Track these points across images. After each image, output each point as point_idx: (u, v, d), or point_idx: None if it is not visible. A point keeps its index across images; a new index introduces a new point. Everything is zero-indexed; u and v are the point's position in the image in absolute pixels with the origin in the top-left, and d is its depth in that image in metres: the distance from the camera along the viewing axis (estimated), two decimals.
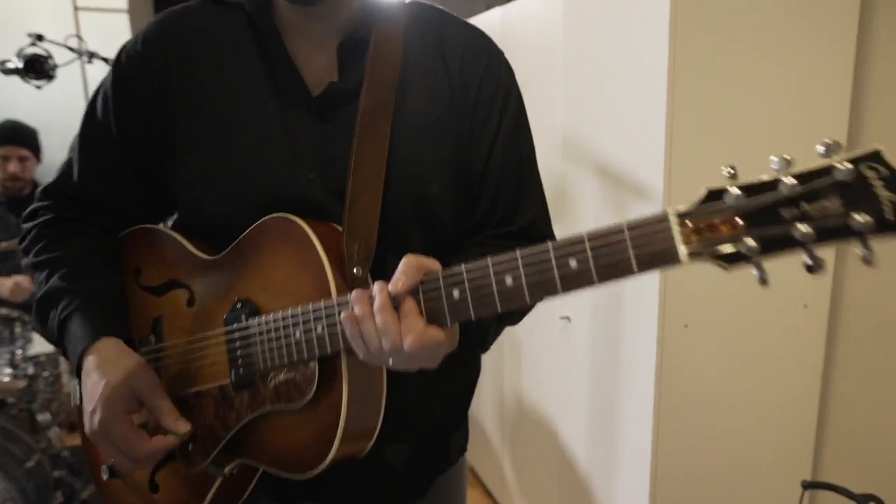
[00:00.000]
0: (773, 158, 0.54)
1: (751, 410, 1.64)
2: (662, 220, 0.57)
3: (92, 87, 2.24)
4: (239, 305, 0.81)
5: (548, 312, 1.95)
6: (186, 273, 0.88)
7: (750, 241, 0.55)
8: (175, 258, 0.89)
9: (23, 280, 2.53)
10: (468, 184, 0.88)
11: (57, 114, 3.05)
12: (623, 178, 1.58)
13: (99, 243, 0.91)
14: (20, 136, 2.71)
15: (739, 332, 1.58)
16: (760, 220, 0.55)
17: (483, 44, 0.90)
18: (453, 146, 0.86)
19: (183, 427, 0.81)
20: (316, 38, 0.86)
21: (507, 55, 0.91)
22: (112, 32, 3.37)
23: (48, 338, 0.89)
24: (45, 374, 2.33)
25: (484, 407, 2.58)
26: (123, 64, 0.88)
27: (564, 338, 1.91)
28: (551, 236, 0.92)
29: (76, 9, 3.33)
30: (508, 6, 2.17)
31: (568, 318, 1.88)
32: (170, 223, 0.93)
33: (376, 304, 0.67)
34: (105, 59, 2.14)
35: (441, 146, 0.85)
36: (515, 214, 0.89)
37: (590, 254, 0.60)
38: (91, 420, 0.79)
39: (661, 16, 1.40)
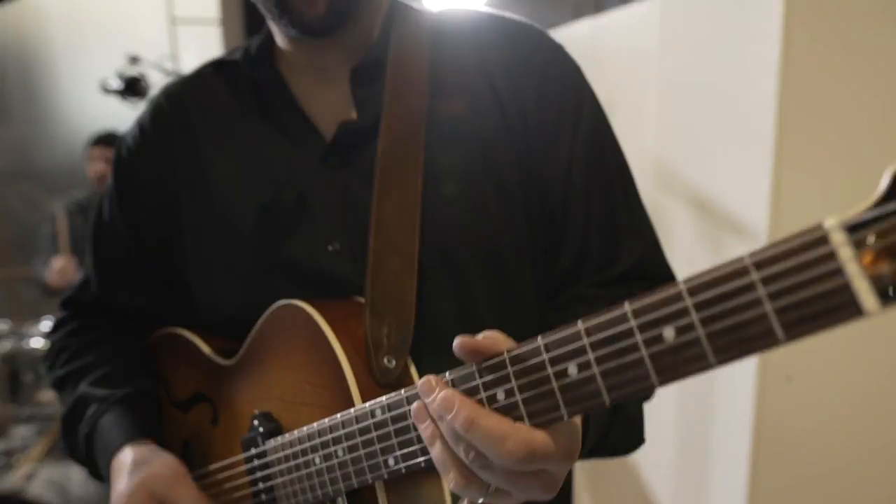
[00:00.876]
0: None
1: (861, 474, 1.46)
2: (818, 240, 0.34)
3: None
4: (256, 422, 0.67)
5: None
6: (208, 383, 0.77)
7: None
8: (197, 366, 0.78)
9: (68, 263, 2.67)
10: (548, 222, 0.70)
11: None
12: (721, 213, 1.43)
13: (127, 346, 0.83)
14: (109, 139, 2.85)
15: (851, 384, 1.40)
16: None
17: (534, 44, 0.72)
18: (514, 181, 0.68)
19: None
20: (327, 74, 0.74)
21: (598, 70, 0.76)
22: (205, 43, 3.49)
23: (76, 458, 0.79)
24: None
25: None
26: (123, 156, 0.81)
27: None
28: (666, 274, 0.73)
29: (173, 22, 3.46)
30: (600, 17, 2.05)
31: None
32: None
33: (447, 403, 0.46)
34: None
35: (496, 182, 0.68)
36: (618, 251, 0.70)
37: (695, 317, 0.38)
38: None
39: (772, 32, 1.25)
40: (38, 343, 2.16)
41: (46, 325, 2.19)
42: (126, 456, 0.70)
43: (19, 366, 2.16)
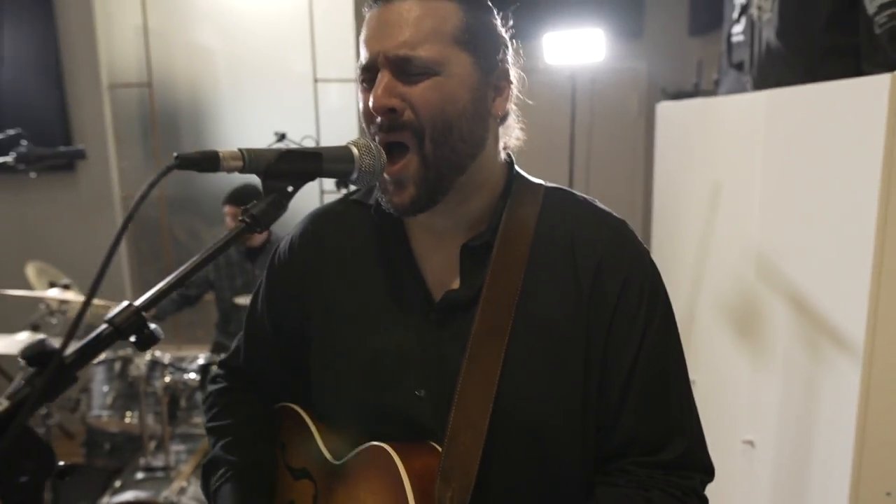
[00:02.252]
0: None
1: None
2: None
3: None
4: None
5: (730, 434, 1.82)
6: (315, 468, 0.92)
7: None
8: (309, 450, 0.93)
9: None
10: (603, 409, 0.79)
11: None
12: (820, 317, 1.43)
13: (256, 416, 1.00)
14: (241, 198, 3.15)
15: None
16: None
17: (621, 250, 0.82)
18: (580, 370, 0.78)
19: None
20: (441, 236, 0.85)
21: (708, 149, 0.80)
22: (342, 96, 3.85)
23: (209, 501, 0.96)
24: None
25: None
26: (275, 266, 0.96)
27: (747, 462, 1.77)
28: (706, 468, 0.83)
29: (316, 81, 3.84)
30: (715, 98, 2.08)
31: (751, 443, 1.74)
32: None
33: None
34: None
35: (564, 371, 0.78)
36: (664, 445, 0.79)
37: None
38: None
39: (875, 135, 1.23)
40: (192, 375, 2.51)
41: (200, 360, 2.54)
42: None
43: (177, 393, 2.51)
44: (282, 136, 2.41)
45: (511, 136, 0.87)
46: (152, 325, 0.54)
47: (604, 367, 0.79)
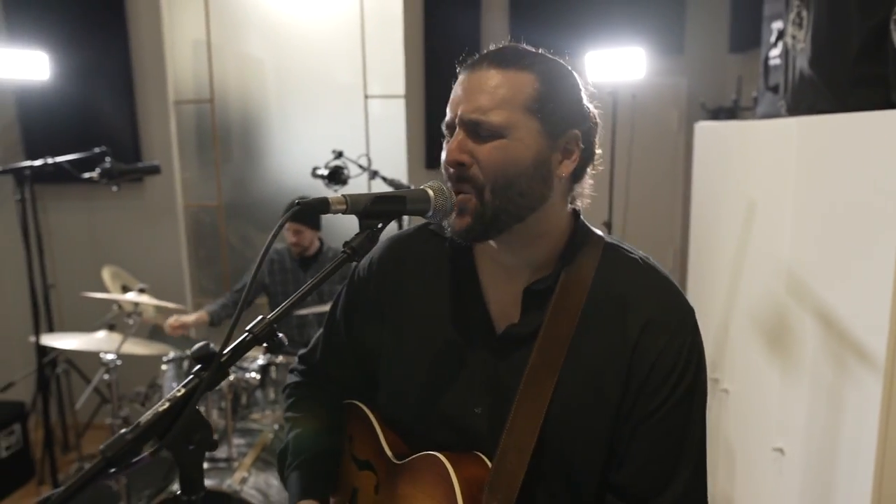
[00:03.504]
0: None
1: None
2: None
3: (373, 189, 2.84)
4: None
5: (761, 441, 1.91)
6: (377, 461, 1.03)
7: None
8: (372, 444, 1.05)
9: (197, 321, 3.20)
10: (623, 447, 0.89)
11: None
12: (845, 332, 1.52)
13: (327, 410, 1.13)
14: (296, 216, 3.35)
15: None
16: None
17: (669, 312, 0.90)
18: (613, 413, 0.88)
19: None
20: (508, 271, 0.95)
21: (744, 170, 0.87)
22: (392, 114, 4.02)
23: (283, 483, 1.11)
24: None
25: None
26: (355, 280, 1.09)
27: (777, 468, 1.86)
28: None
29: (366, 97, 4.03)
30: (750, 122, 2.17)
31: (781, 450, 1.83)
32: None
33: None
34: (384, 178, 2.65)
35: (600, 410, 0.88)
36: (666, 488, 0.87)
37: None
38: None
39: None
40: (253, 375, 2.70)
41: (260, 360, 2.74)
42: None
43: (239, 391, 2.71)
44: (339, 154, 2.60)
45: (583, 191, 0.95)
46: (280, 334, 0.70)
47: (631, 413, 0.88)
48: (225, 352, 0.66)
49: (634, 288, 0.91)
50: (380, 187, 2.96)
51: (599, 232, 0.98)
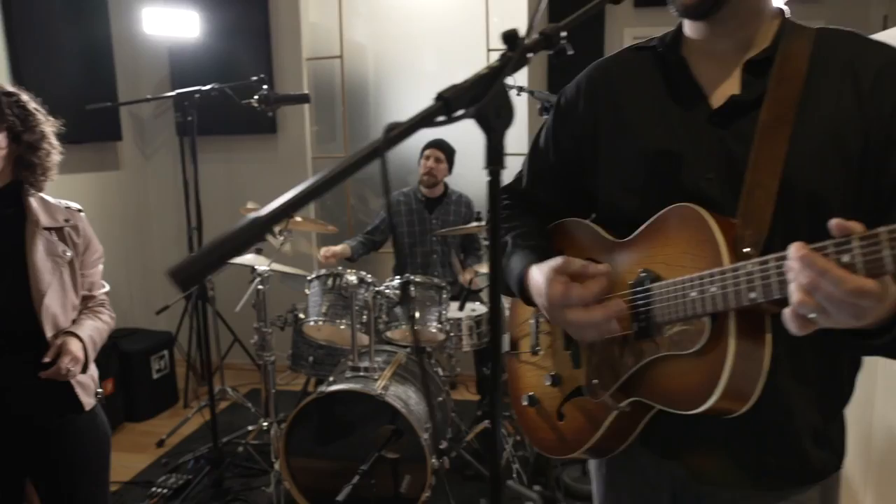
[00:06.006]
0: None
1: None
2: None
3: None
4: (643, 274, 0.97)
5: None
6: (599, 253, 1.08)
7: None
8: (591, 242, 1.11)
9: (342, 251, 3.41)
10: (875, 195, 0.91)
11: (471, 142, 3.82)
12: None
13: (536, 223, 1.21)
14: (442, 145, 3.52)
15: None
16: None
17: None
18: (858, 158, 0.90)
19: (601, 267, 0.99)
20: (721, 58, 0.99)
21: None
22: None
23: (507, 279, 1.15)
24: (452, 335, 2.99)
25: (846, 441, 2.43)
26: (562, 104, 1.16)
27: None
28: None
29: (489, 50, 4.11)
30: None
31: None
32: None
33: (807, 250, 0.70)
34: (530, 92, 2.69)
35: (843, 157, 0.90)
36: None
37: None
38: (543, 304, 1.01)
39: None
40: (390, 292, 2.82)
41: (395, 282, 2.87)
42: (534, 267, 1.05)
43: (377, 309, 2.84)
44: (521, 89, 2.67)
45: None
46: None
47: (883, 158, 0.89)
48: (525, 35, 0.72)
49: (857, 48, 0.93)
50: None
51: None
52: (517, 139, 4.11)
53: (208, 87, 2.75)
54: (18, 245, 1.64)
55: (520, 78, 3.94)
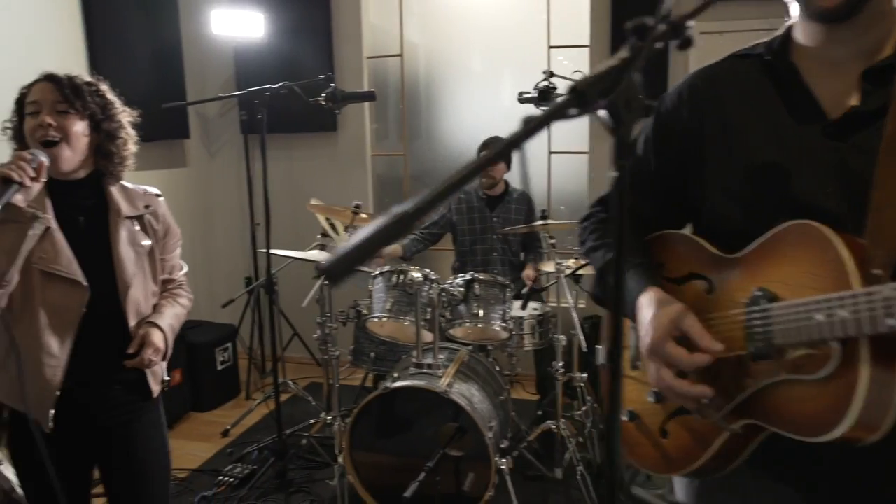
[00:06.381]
0: None
1: None
2: None
3: None
4: (759, 293, 0.92)
5: None
6: (705, 267, 1.04)
7: None
8: (695, 256, 1.06)
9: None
10: None
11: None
12: None
13: (636, 236, 1.16)
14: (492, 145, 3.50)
15: None
16: None
17: None
18: None
19: (716, 346, 0.93)
20: (836, 65, 0.94)
21: None
22: (578, 64, 4.03)
23: (603, 298, 1.14)
24: (514, 333, 2.97)
25: None
26: (662, 111, 1.12)
27: None
28: None
29: (550, 47, 4.07)
30: None
31: None
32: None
33: None
34: None
35: None
36: None
37: None
38: (644, 340, 0.99)
39: None
40: (454, 290, 2.82)
41: (460, 280, 2.86)
42: (649, 295, 1.03)
43: (443, 305, 2.84)
44: (550, 74, 2.64)
45: None
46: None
47: None
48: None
49: None
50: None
51: None
52: (579, 138, 4.06)
53: (278, 85, 2.80)
54: (104, 236, 1.67)
55: (579, 33, 3.90)
